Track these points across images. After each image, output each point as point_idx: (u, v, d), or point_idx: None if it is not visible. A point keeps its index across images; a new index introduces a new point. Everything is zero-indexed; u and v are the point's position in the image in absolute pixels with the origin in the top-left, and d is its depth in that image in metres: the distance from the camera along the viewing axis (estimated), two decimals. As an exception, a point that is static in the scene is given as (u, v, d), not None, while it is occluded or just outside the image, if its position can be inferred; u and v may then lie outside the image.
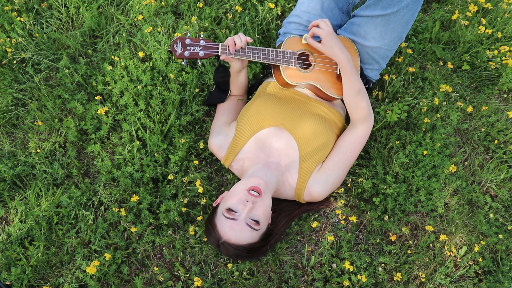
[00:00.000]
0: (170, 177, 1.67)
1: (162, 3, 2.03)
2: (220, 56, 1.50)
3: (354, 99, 1.56)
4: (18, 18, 1.98)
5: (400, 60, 1.96)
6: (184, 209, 1.63)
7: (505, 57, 2.02)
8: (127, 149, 1.72)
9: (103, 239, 1.58)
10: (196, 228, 1.62)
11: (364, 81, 1.75)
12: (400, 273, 1.57)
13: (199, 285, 1.51)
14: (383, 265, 1.60)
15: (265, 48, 1.52)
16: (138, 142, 1.73)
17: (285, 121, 1.57)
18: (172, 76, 1.83)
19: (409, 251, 1.64)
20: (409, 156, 1.77)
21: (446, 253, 1.64)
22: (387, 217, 1.67)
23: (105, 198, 1.65)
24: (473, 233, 1.69)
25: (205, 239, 1.59)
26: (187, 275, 1.55)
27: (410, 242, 1.66)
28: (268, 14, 2.03)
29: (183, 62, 1.51)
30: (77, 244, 1.57)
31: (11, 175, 1.67)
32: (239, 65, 1.59)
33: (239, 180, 1.61)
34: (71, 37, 1.98)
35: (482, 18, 2.11)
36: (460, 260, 1.63)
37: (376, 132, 1.84)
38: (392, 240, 1.66)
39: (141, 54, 1.88)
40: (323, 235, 1.65)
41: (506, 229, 1.70)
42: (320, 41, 1.57)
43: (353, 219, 1.63)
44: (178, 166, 1.71)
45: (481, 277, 1.62)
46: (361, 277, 1.52)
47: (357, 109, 1.58)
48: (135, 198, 1.61)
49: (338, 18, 1.79)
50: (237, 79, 1.69)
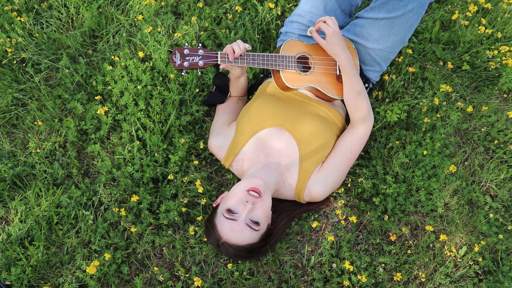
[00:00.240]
0: (170, 177, 1.67)
1: (162, 3, 2.03)
2: (220, 65, 1.50)
3: (354, 100, 1.56)
4: (18, 18, 1.98)
5: (400, 60, 1.96)
6: (184, 209, 1.63)
7: (505, 57, 2.02)
8: (127, 149, 1.72)
9: (103, 239, 1.58)
10: (196, 228, 1.62)
11: (364, 80, 1.75)
12: (400, 273, 1.57)
13: (199, 285, 1.51)
14: (383, 265, 1.60)
15: (264, 54, 1.52)
16: (138, 142, 1.73)
17: (285, 122, 1.57)
18: (172, 76, 1.83)
19: (409, 251, 1.64)
20: (409, 156, 1.77)
21: (446, 253, 1.64)
22: (387, 217, 1.67)
23: (105, 198, 1.65)
24: (473, 233, 1.69)
25: (205, 239, 1.59)
26: (187, 275, 1.55)
27: (410, 242, 1.66)
28: (268, 14, 2.03)
29: (183, 73, 1.51)
30: (77, 244, 1.57)
31: (11, 175, 1.67)
32: (239, 72, 1.59)
33: (239, 181, 1.61)
34: (71, 37, 1.98)
35: (482, 18, 2.11)
36: (460, 260, 1.63)
37: (376, 132, 1.84)
38: (392, 240, 1.66)
39: (141, 54, 1.88)
40: (323, 235, 1.65)
41: (506, 229, 1.70)
42: (325, 38, 1.56)
43: (353, 219, 1.63)
44: (178, 166, 1.71)
45: (481, 277, 1.62)
46: (361, 277, 1.52)
47: (357, 110, 1.58)
48: (135, 198, 1.61)
49: (340, 20, 1.79)
50: (237, 83, 1.70)
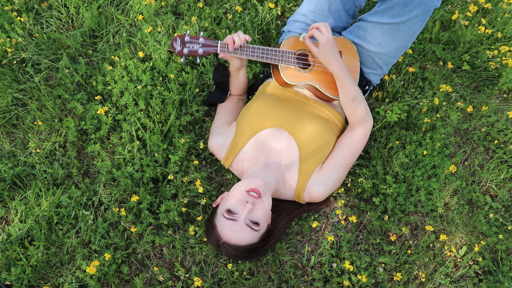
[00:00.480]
0: (170, 177, 1.67)
1: (162, 3, 2.03)
2: (219, 54, 1.49)
3: (350, 105, 1.56)
4: (18, 18, 1.98)
5: (400, 60, 1.96)
6: (184, 209, 1.63)
7: (505, 57, 2.02)
8: (127, 149, 1.72)
9: (103, 239, 1.58)
10: (196, 228, 1.62)
11: (365, 83, 1.75)
12: (400, 273, 1.57)
13: (199, 285, 1.51)
14: (383, 265, 1.60)
15: (264, 47, 1.51)
16: (138, 142, 1.73)
17: (285, 122, 1.57)
18: (172, 76, 1.83)
19: (409, 251, 1.64)
20: (409, 156, 1.77)
21: (446, 253, 1.64)
22: (387, 217, 1.67)
23: (105, 198, 1.65)
24: (473, 233, 1.69)
25: (205, 239, 1.59)
26: (187, 275, 1.55)
27: (410, 242, 1.66)
28: (268, 14, 2.03)
29: (182, 60, 1.48)
30: (77, 244, 1.57)
31: (11, 175, 1.67)
32: (238, 64, 1.59)
33: (239, 181, 1.61)
34: (71, 37, 1.98)
35: (482, 18, 2.11)
36: (460, 260, 1.63)
37: (376, 132, 1.84)
38: (392, 240, 1.66)
39: (141, 54, 1.88)
40: (323, 235, 1.65)
41: (506, 229, 1.70)
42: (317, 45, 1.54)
43: (353, 219, 1.63)
44: (178, 166, 1.71)
45: (481, 277, 1.62)
46: (361, 277, 1.52)
47: (353, 114, 1.57)
48: (135, 198, 1.61)
49: (344, 21, 1.79)
50: (237, 78, 1.69)
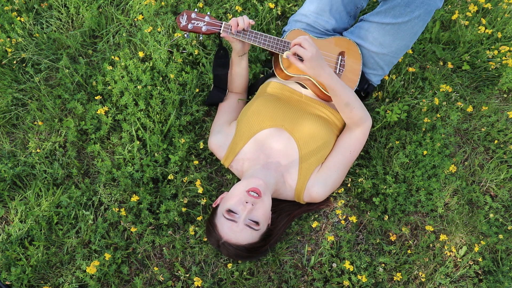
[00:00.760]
0: (170, 177, 1.67)
1: (162, 3, 2.03)
2: (221, 34, 1.50)
3: (344, 110, 1.56)
4: (18, 18, 1.98)
5: (400, 60, 1.96)
6: (184, 209, 1.63)
7: (505, 57, 2.02)
8: (127, 149, 1.72)
9: (103, 239, 1.58)
10: (196, 228, 1.62)
11: (366, 86, 1.75)
12: (400, 273, 1.57)
13: (199, 285, 1.51)
14: (383, 265, 1.60)
15: (267, 35, 1.52)
16: (138, 142, 1.73)
17: (285, 122, 1.57)
18: (172, 76, 1.83)
19: (409, 251, 1.64)
20: (409, 156, 1.77)
21: (446, 253, 1.64)
22: (387, 217, 1.67)
23: (105, 198, 1.65)
24: (473, 233, 1.68)
25: (205, 239, 1.59)
26: (187, 275, 1.55)
27: (410, 242, 1.66)
28: (268, 14, 2.03)
29: (185, 35, 1.53)
30: (77, 244, 1.57)
31: (11, 175, 1.67)
32: (240, 47, 1.58)
33: (239, 181, 1.61)
34: (71, 37, 1.98)
35: (482, 18, 2.11)
36: (460, 260, 1.63)
37: (376, 132, 1.84)
38: (392, 240, 1.66)
39: (141, 54, 1.88)
40: (323, 235, 1.65)
41: (506, 229, 1.70)
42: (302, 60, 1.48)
43: (353, 219, 1.63)
44: (178, 166, 1.71)
45: (481, 277, 1.62)
46: (361, 277, 1.52)
47: (350, 117, 1.57)
48: (135, 198, 1.61)
49: (345, 21, 1.79)
50: (238, 66, 1.67)
